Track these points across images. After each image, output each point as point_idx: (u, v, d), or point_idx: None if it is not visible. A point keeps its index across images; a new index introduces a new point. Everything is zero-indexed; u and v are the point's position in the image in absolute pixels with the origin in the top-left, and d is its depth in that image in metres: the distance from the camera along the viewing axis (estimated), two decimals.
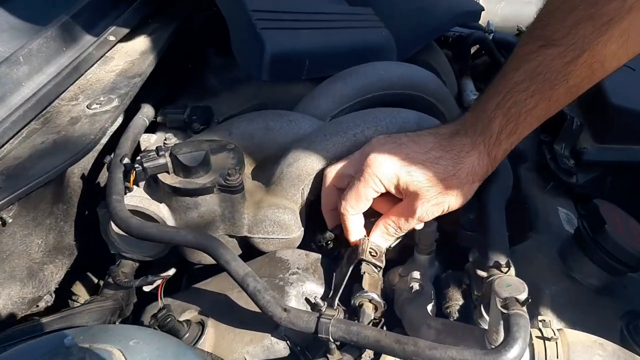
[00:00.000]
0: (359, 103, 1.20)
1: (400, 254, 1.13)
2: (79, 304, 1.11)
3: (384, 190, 1.02)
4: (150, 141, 1.25)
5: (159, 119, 1.29)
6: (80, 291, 1.40)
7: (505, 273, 0.99)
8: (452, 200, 0.97)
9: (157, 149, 1.10)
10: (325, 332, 0.91)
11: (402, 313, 1.10)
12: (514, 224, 1.16)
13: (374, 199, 1.01)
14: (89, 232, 1.14)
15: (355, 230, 1.05)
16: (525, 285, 0.89)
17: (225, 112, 1.28)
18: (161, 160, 1.05)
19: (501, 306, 0.87)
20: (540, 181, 1.31)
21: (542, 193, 1.28)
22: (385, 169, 0.94)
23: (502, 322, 0.86)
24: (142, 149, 1.22)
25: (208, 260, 1.03)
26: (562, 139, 1.31)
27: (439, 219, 1.09)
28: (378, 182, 0.97)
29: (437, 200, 0.96)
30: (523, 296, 0.88)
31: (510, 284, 0.91)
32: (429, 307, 1.09)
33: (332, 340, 0.92)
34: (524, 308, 0.86)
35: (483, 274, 1.01)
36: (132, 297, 1.17)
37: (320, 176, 1.08)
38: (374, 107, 1.13)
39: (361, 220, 1.05)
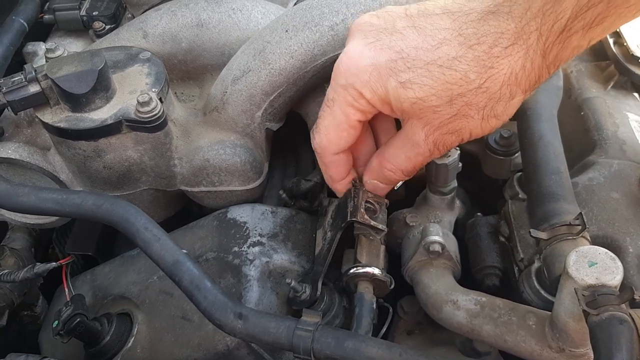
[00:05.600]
0: None
1: (406, 188, 0.92)
2: None
3: (370, 109, 0.70)
4: (38, 53, 0.99)
5: (45, 18, 1.02)
6: None
7: (578, 235, 0.69)
8: (477, 126, 0.66)
9: (25, 70, 0.78)
10: (304, 350, 0.63)
11: (414, 280, 0.82)
12: (567, 142, 0.85)
13: (364, 123, 0.73)
14: None
15: (339, 175, 0.78)
16: (620, 263, 0.59)
17: (144, 1, 1.04)
18: (32, 88, 0.77)
19: (586, 303, 0.57)
20: (600, 75, 1.03)
21: (603, 93, 0.99)
22: (366, 76, 0.65)
23: (584, 324, 0.58)
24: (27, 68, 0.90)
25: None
26: None
27: None
28: (357, 96, 0.67)
29: (451, 127, 0.67)
30: (617, 280, 0.58)
31: (594, 260, 0.60)
32: (452, 274, 0.81)
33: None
34: (624, 305, 0.56)
35: (540, 234, 0.67)
36: (33, 282, 0.93)
37: (286, 94, 0.82)
38: None
39: (349, 159, 0.77)
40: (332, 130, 0.71)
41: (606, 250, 0.60)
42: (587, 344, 0.63)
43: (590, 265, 0.60)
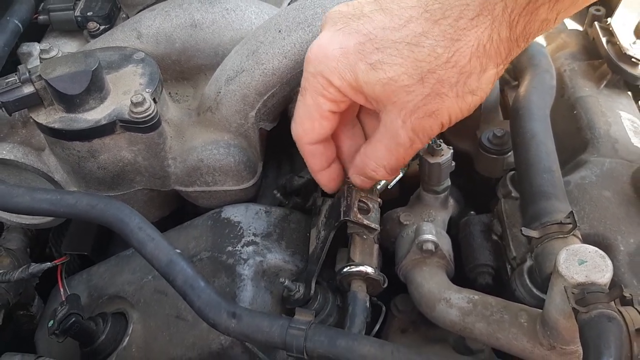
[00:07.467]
0: None
1: (400, 187, 0.90)
2: None
3: (342, 98, 0.68)
4: (33, 54, 0.99)
5: (40, 18, 1.02)
6: None
7: (569, 233, 0.69)
8: (453, 105, 0.64)
9: (19, 71, 0.77)
10: (297, 349, 0.64)
11: (408, 279, 0.82)
12: (560, 140, 0.85)
13: (341, 115, 0.71)
14: None
15: (317, 166, 0.76)
16: (609, 261, 0.59)
17: (139, 1, 1.05)
18: (26, 89, 0.76)
19: (575, 301, 0.57)
20: (592, 74, 1.02)
21: (596, 92, 0.98)
22: (334, 63, 0.64)
23: (574, 322, 0.57)
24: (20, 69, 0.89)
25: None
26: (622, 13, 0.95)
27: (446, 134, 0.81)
28: (326, 84, 0.65)
29: (427, 109, 0.64)
30: (606, 278, 0.58)
31: (584, 258, 0.60)
32: (446, 273, 0.81)
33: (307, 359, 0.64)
34: (613, 303, 0.56)
35: (532, 233, 0.67)
36: (29, 282, 0.91)
37: (280, 94, 0.81)
38: None
39: (329, 150, 0.75)
40: (305, 120, 0.70)
41: (596, 249, 0.61)
42: (577, 342, 0.63)
43: (580, 264, 0.60)
